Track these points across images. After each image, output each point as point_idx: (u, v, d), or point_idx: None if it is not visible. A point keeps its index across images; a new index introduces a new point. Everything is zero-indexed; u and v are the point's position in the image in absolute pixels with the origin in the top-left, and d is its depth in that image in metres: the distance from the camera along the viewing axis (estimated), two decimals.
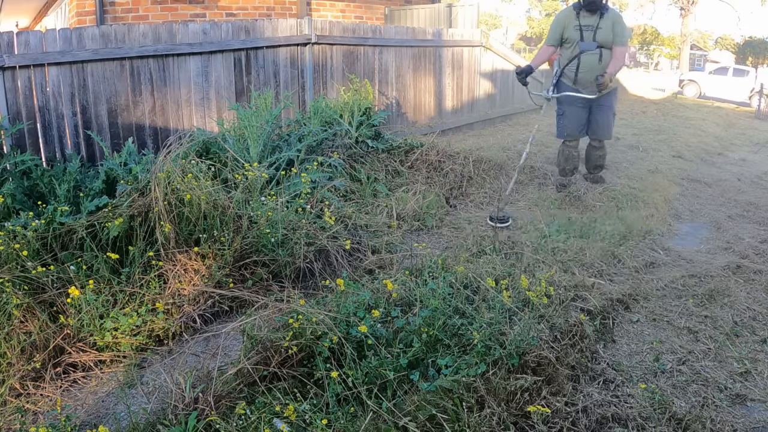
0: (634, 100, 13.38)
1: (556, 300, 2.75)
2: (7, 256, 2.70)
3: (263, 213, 3.33)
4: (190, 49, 4.94)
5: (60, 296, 2.63)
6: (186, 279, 2.90)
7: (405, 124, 7.22)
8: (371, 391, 2.10)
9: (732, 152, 8.16)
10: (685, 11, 26.37)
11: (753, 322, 2.82)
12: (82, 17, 7.38)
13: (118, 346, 2.54)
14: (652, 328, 2.82)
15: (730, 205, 5.16)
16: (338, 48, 6.32)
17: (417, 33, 7.33)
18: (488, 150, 6.06)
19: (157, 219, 3.01)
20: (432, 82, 7.67)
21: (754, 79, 18.60)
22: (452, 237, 4.11)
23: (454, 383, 2.02)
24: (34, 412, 2.18)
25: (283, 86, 5.79)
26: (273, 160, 4.32)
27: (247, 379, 2.18)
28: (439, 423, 1.92)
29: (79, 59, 4.32)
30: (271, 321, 2.46)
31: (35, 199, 3.61)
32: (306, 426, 1.94)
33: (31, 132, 4.19)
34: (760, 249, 3.90)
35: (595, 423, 2.03)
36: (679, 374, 2.39)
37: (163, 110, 4.91)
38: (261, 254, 3.16)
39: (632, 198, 4.87)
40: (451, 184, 5.00)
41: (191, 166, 3.38)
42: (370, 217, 4.23)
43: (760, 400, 2.23)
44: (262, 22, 5.53)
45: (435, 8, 10.13)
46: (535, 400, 2.02)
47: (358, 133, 5.33)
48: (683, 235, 4.23)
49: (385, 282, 2.64)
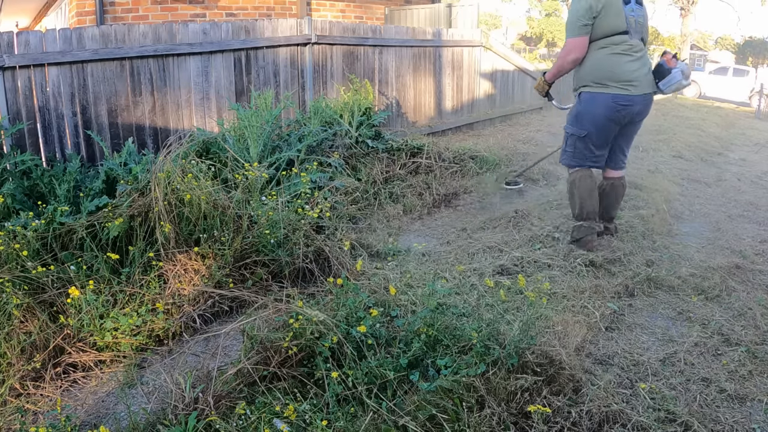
0: None
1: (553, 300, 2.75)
2: (7, 256, 2.70)
3: (263, 213, 3.33)
4: (190, 49, 4.95)
5: (60, 296, 2.63)
6: (186, 279, 2.90)
7: (405, 125, 7.22)
8: (371, 391, 2.10)
9: (732, 152, 8.17)
10: (685, 11, 26.37)
11: (753, 322, 2.82)
12: (82, 17, 7.39)
13: (118, 346, 2.54)
14: (653, 327, 2.82)
15: (730, 205, 5.16)
16: (338, 48, 6.32)
17: (417, 33, 7.33)
18: (488, 150, 6.06)
19: (157, 219, 3.01)
20: (432, 82, 7.67)
21: (754, 79, 18.62)
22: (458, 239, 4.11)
23: (454, 383, 2.02)
24: (34, 412, 2.18)
25: (283, 86, 5.79)
26: (273, 160, 4.32)
27: (247, 379, 2.18)
28: (439, 423, 1.92)
29: (79, 59, 4.32)
30: (271, 321, 2.46)
31: (35, 199, 3.61)
32: (306, 426, 1.94)
33: (31, 132, 4.19)
34: (760, 249, 3.90)
35: (596, 423, 2.03)
36: (679, 374, 2.39)
37: (163, 110, 4.91)
38: (261, 254, 3.16)
39: (632, 198, 4.87)
40: (447, 186, 5.00)
41: (191, 166, 3.38)
42: (370, 217, 4.23)
43: (759, 400, 2.23)
44: (262, 22, 5.53)
45: (435, 8, 10.13)
46: (535, 400, 2.02)
47: (358, 133, 5.33)
48: (683, 234, 4.23)
49: (390, 288, 2.65)
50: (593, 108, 3.46)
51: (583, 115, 3.52)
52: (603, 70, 3.40)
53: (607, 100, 3.40)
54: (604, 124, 3.46)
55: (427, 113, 7.67)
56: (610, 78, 3.38)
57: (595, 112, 3.45)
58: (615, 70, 3.37)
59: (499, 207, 4.69)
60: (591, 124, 3.49)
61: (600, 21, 3.36)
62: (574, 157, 3.64)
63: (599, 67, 3.41)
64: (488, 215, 4.47)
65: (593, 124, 3.48)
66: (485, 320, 2.57)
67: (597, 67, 3.42)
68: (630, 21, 3.37)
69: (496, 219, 4.33)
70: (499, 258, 3.56)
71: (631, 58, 3.38)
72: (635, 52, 3.40)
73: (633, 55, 3.39)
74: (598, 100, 3.43)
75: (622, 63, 3.37)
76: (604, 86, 3.41)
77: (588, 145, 3.56)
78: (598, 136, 3.51)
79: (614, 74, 3.37)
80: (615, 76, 3.37)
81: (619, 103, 3.39)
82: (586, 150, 3.58)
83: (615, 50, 3.38)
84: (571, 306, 2.90)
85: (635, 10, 3.42)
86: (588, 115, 3.49)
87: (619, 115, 3.43)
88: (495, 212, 4.52)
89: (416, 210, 4.60)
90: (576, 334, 2.55)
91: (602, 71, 3.40)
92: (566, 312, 2.78)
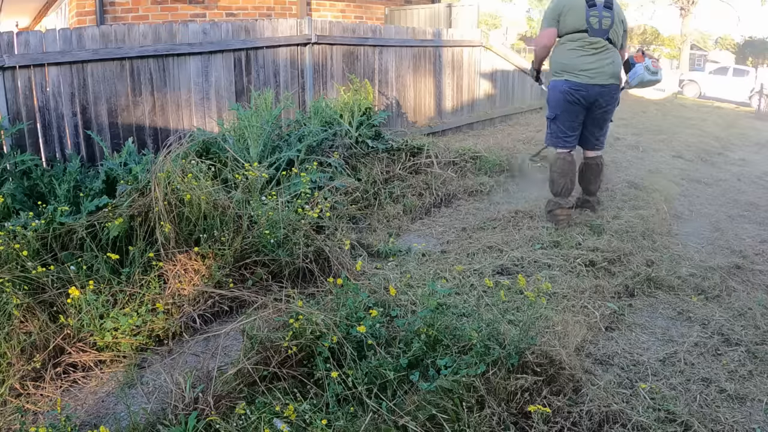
0: (634, 100, 13.39)
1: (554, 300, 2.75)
2: (7, 256, 2.69)
3: (263, 213, 3.33)
4: (190, 49, 4.95)
5: (60, 296, 2.62)
6: (186, 279, 2.90)
7: (405, 125, 7.22)
8: (371, 391, 2.10)
9: (732, 152, 8.17)
10: (685, 11, 26.39)
11: (753, 322, 2.82)
12: (82, 17, 7.39)
13: (118, 346, 2.54)
14: (653, 327, 2.82)
15: (730, 205, 5.16)
16: (338, 48, 6.32)
17: (417, 33, 7.33)
18: (488, 150, 6.06)
19: (157, 219, 3.01)
20: (432, 82, 7.67)
21: (754, 79, 18.62)
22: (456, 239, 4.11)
23: (454, 383, 2.02)
24: (34, 412, 2.18)
25: (283, 86, 5.79)
26: (273, 160, 4.32)
27: (247, 379, 2.18)
28: (439, 423, 1.92)
29: (79, 59, 4.32)
30: (271, 321, 2.46)
31: (35, 199, 3.61)
32: (306, 426, 1.94)
33: (31, 132, 4.19)
34: (760, 249, 3.91)
35: (596, 423, 2.03)
36: (679, 374, 2.39)
37: (163, 110, 4.91)
38: (261, 254, 3.16)
39: (632, 198, 4.87)
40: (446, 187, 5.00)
41: (191, 166, 3.38)
42: (370, 217, 4.23)
43: (759, 400, 2.23)
44: (262, 22, 5.53)
45: (435, 8, 10.13)
46: (535, 400, 2.02)
47: (358, 133, 5.33)
48: (683, 234, 4.23)
49: (390, 288, 2.65)
50: (554, 93, 4.13)
51: (550, 99, 4.20)
52: (560, 62, 4.10)
53: (562, 85, 4.06)
54: (565, 107, 4.08)
55: (427, 113, 7.67)
56: (564, 68, 4.07)
57: (557, 97, 4.11)
58: (568, 62, 4.04)
59: (499, 207, 4.69)
60: (557, 106, 4.13)
61: (563, 20, 4.04)
62: (551, 137, 4.26)
63: (559, 59, 4.12)
64: (488, 215, 4.48)
65: (558, 107, 4.12)
66: (485, 320, 2.57)
67: (557, 59, 4.14)
68: (592, 22, 3.98)
69: (496, 219, 4.33)
70: (499, 258, 3.56)
71: (585, 52, 4.00)
72: (593, 48, 3.99)
73: (588, 50, 3.99)
74: (557, 85, 4.11)
75: (576, 56, 4.01)
76: (560, 74, 4.10)
77: (560, 126, 4.16)
78: (565, 118, 4.12)
79: (567, 65, 4.04)
80: (568, 67, 4.04)
81: (572, 88, 4.01)
82: (559, 131, 4.18)
83: (572, 46, 4.03)
84: (571, 306, 2.90)
85: (601, 14, 4.00)
86: (553, 99, 4.16)
87: (575, 98, 4.03)
88: (495, 212, 4.52)
89: (416, 210, 4.60)
90: (576, 334, 2.55)
91: (560, 62, 4.10)
92: (566, 312, 2.78)
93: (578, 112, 4.08)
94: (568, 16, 4.00)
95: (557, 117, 4.13)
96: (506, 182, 5.39)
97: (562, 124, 4.13)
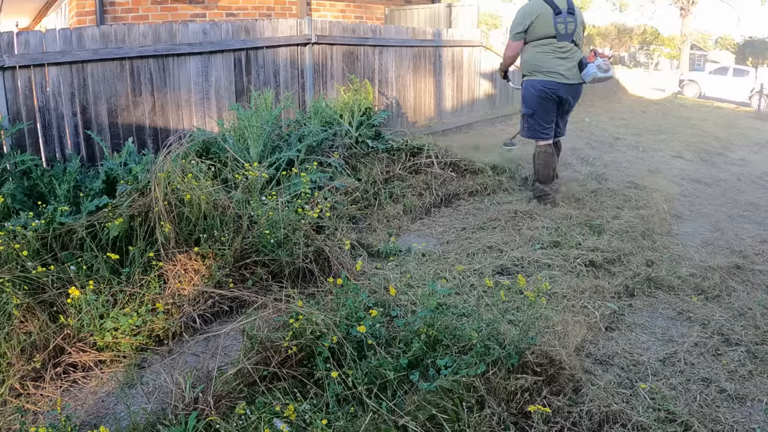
0: (634, 100, 13.39)
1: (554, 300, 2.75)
2: (7, 256, 2.69)
3: (263, 213, 3.33)
4: (190, 49, 4.95)
5: (60, 296, 2.62)
6: (186, 279, 2.90)
7: (405, 125, 7.22)
8: (371, 391, 2.10)
9: (732, 152, 8.17)
10: (685, 11, 26.40)
11: (753, 322, 2.82)
12: (82, 17, 7.38)
13: (118, 346, 2.54)
14: (653, 327, 2.82)
15: (730, 205, 5.16)
16: (338, 48, 6.32)
17: (417, 33, 7.33)
18: (489, 150, 6.06)
19: (157, 219, 3.01)
20: (432, 82, 7.67)
21: (754, 79, 18.62)
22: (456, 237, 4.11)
23: (454, 383, 2.02)
24: (34, 412, 2.18)
25: (283, 86, 5.79)
26: (273, 160, 4.32)
27: (247, 379, 2.18)
28: (439, 423, 1.92)
29: (79, 59, 4.32)
30: (271, 321, 2.46)
31: (35, 199, 3.61)
32: (306, 426, 1.94)
33: (31, 132, 4.19)
34: (760, 249, 3.90)
35: (596, 423, 2.03)
36: (679, 374, 2.39)
37: (163, 110, 4.91)
38: (261, 254, 3.16)
39: (632, 198, 4.87)
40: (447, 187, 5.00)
41: (191, 166, 3.38)
42: (370, 217, 4.23)
43: (759, 400, 2.23)
44: (262, 22, 5.53)
45: (435, 8, 10.13)
46: (535, 400, 2.02)
47: (358, 133, 5.33)
48: (683, 234, 4.23)
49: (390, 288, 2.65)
50: (530, 91, 4.57)
51: (525, 97, 4.63)
52: (534, 63, 4.52)
53: (537, 84, 4.51)
54: (540, 103, 4.54)
55: (427, 113, 7.67)
56: (538, 69, 4.50)
57: (532, 94, 4.56)
58: (541, 63, 4.48)
59: (499, 207, 4.69)
60: (533, 103, 4.56)
61: (533, 29, 4.47)
62: (529, 131, 4.69)
63: (531, 61, 4.53)
64: (488, 215, 4.48)
65: (534, 104, 4.55)
66: (485, 320, 2.57)
67: (530, 61, 4.54)
68: (559, 28, 4.43)
69: (496, 219, 4.33)
70: (499, 258, 3.56)
71: (555, 55, 4.45)
72: (561, 51, 4.45)
73: (557, 53, 4.45)
74: (532, 84, 4.55)
75: (548, 59, 4.46)
76: (534, 74, 4.53)
77: (537, 121, 4.60)
78: (542, 113, 4.57)
79: (540, 66, 4.49)
80: (540, 68, 4.49)
81: (546, 86, 4.49)
82: (537, 125, 4.62)
83: (543, 49, 4.47)
84: (571, 306, 2.90)
85: (566, 20, 4.44)
86: (528, 96, 4.59)
87: (548, 95, 4.51)
88: (495, 212, 4.52)
89: (416, 210, 4.60)
90: (576, 334, 2.55)
91: (533, 64, 4.52)
92: (566, 312, 2.78)
93: (552, 107, 4.58)
94: (537, 25, 4.44)
95: (535, 113, 4.58)
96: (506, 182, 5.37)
97: (540, 119, 4.58)
